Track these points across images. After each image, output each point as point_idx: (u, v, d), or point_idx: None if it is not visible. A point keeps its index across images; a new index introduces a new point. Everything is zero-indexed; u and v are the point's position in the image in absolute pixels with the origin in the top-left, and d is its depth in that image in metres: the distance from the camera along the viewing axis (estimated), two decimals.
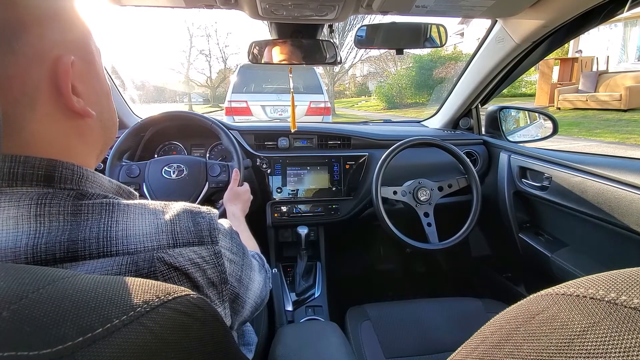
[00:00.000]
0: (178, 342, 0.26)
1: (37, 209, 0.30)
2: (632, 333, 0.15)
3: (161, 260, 0.33)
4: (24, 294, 0.22)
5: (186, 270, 0.34)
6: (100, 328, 0.22)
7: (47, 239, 0.30)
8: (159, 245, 0.34)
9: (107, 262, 0.31)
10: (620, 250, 0.89)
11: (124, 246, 0.32)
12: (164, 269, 0.33)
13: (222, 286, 0.38)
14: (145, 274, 0.32)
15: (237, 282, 0.42)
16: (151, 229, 0.34)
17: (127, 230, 0.33)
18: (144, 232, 0.34)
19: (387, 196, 1.16)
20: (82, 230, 0.31)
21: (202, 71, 23.85)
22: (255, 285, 0.48)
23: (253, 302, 0.48)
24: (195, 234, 0.36)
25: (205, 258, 0.37)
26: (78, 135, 0.36)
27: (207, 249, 0.37)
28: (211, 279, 0.37)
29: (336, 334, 0.75)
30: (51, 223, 0.30)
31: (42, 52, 0.32)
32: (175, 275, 0.34)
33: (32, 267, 0.26)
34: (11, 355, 0.19)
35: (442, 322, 0.96)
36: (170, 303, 0.27)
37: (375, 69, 18.08)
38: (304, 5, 0.79)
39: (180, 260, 0.34)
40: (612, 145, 5.03)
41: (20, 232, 0.29)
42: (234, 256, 0.42)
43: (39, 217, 0.30)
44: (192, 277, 0.35)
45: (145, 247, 0.33)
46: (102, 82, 0.40)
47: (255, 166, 1.24)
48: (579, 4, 0.82)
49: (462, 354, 0.24)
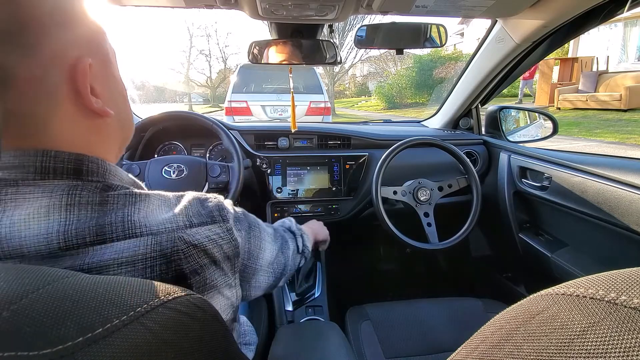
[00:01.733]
0: (178, 342, 0.26)
1: (67, 199, 0.33)
2: (632, 333, 0.15)
3: (181, 239, 0.36)
4: (24, 294, 0.22)
5: (204, 246, 0.37)
6: (100, 328, 0.22)
7: (77, 226, 0.32)
8: (178, 227, 0.36)
9: (134, 242, 0.33)
10: (620, 250, 0.89)
11: (147, 228, 0.35)
12: (184, 247, 0.36)
13: (235, 259, 0.42)
14: (169, 252, 0.35)
15: (247, 255, 0.47)
16: (169, 214, 0.37)
17: (148, 215, 0.36)
18: (163, 217, 0.36)
19: (387, 196, 1.16)
20: (108, 216, 0.34)
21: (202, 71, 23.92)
22: (267, 254, 0.52)
23: (268, 269, 0.53)
24: (206, 215, 0.40)
25: (220, 234, 0.40)
26: (97, 133, 0.38)
27: (220, 227, 0.40)
28: (227, 253, 0.40)
29: (336, 334, 0.75)
30: (80, 211, 0.33)
31: (61, 54, 0.33)
32: (194, 252, 0.36)
33: (32, 267, 0.26)
34: (11, 356, 0.19)
35: (442, 322, 0.96)
36: (170, 303, 0.27)
37: (375, 69, 18.09)
38: (304, 5, 0.79)
39: (198, 237, 0.37)
40: (612, 145, 5.03)
41: (52, 220, 0.31)
42: (242, 232, 0.46)
43: (69, 207, 0.32)
44: (210, 253, 0.38)
45: (166, 228, 0.36)
46: (118, 83, 0.42)
47: (255, 166, 1.24)
48: (579, 4, 0.82)
49: (462, 354, 0.24)
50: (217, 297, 0.39)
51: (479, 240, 1.54)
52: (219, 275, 0.39)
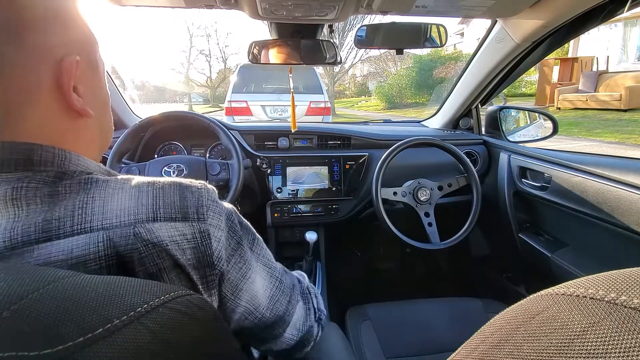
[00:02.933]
0: (178, 342, 0.26)
1: (12, 193, 0.30)
2: (632, 333, 0.15)
3: (138, 235, 0.31)
4: (24, 294, 0.22)
5: (165, 246, 0.32)
6: (100, 328, 0.22)
7: (24, 222, 0.29)
8: (136, 220, 0.31)
9: (82, 240, 0.30)
10: (620, 250, 0.89)
11: (99, 222, 0.30)
12: (140, 246, 0.31)
13: (205, 269, 0.34)
14: (123, 251, 0.30)
15: (227, 264, 0.37)
16: (131, 202, 0.32)
17: (105, 205, 0.31)
18: (122, 205, 0.32)
19: (388, 197, 1.16)
20: (57, 209, 0.30)
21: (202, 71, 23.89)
22: (256, 287, 0.41)
23: (250, 307, 0.41)
24: (179, 209, 0.34)
25: (186, 236, 0.33)
26: (74, 133, 0.37)
27: (191, 226, 0.33)
28: (191, 260, 0.33)
29: (336, 334, 0.75)
30: (29, 207, 0.30)
31: (48, 49, 0.33)
32: (154, 252, 0.31)
33: (33, 267, 0.26)
34: (11, 356, 0.19)
35: (442, 322, 0.96)
36: (171, 303, 0.27)
37: (375, 69, 18.08)
38: (304, 5, 0.79)
39: (158, 235, 0.32)
40: (612, 145, 5.03)
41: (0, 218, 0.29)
42: (225, 240, 0.37)
43: (16, 201, 0.30)
44: (171, 255, 0.32)
45: (122, 221, 0.31)
46: (103, 90, 0.41)
47: (255, 166, 1.24)
48: (579, 4, 0.82)
49: (462, 354, 0.24)
50: None
51: (479, 240, 1.54)
52: (186, 283, 0.33)
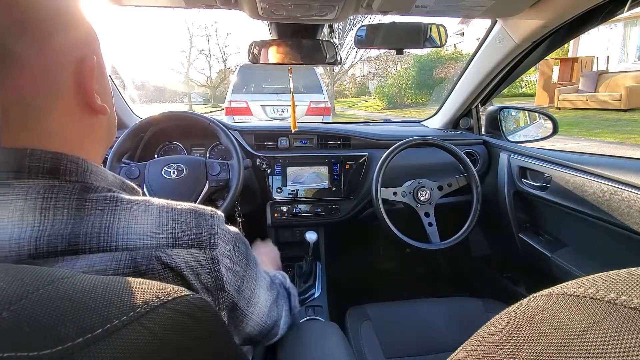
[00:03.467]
0: (178, 343, 0.26)
1: (42, 202, 0.31)
2: (632, 333, 0.15)
3: (158, 259, 0.33)
4: (23, 294, 0.22)
5: (181, 271, 0.34)
6: (100, 329, 0.22)
7: (51, 232, 0.30)
8: (158, 244, 0.34)
9: (106, 257, 0.31)
10: (620, 250, 0.89)
11: (124, 242, 0.32)
12: (160, 268, 0.33)
13: (217, 292, 0.38)
14: (143, 271, 0.33)
15: (236, 292, 0.41)
16: (152, 227, 0.34)
17: (129, 227, 0.33)
18: (145, 230, 0.34)
19: (388, 197, 1.16)
20: (84, 224, 0.32)
21: (202, 71, 23.90)
22: (261, 302, 0.47)
23: (258, 319, 0.47)
24: (195, 236, 0.36)
25: (201, 262, 0.36)
26: (90, 131, 0.38)
27: (204, 253, 0.37)
28: (205, 284, 0.36)
29: (336, 334, 0.75)
30: (55, 217, 0.31)
31: (70, 50, 0.34)
32: (170, 276, 0.34)
33: (32, 268, 0.26)
34: (11, 356, 0.19)
35: (442, 322, 0.96)
36: (170, 304, 0.27)
37: (375, 69, 18.08)
38: (304, 5, 0.79)
39: (176, 260, 0.34)
40: (612, 145, 5.03)
41: (25, 225, 0.30)
42: (233, 265, 0.41)
43: (44, 211, 0.31)
44: (186, 279, 0.35)
45: (145, 244, 0.33)
46: (109, 86, 0.43)
47: (255, 166, 1.24)
48: (579, 4, 0.82)
49: (462, 354, 0.24)
50: None
51: (479, 240, 1.54)
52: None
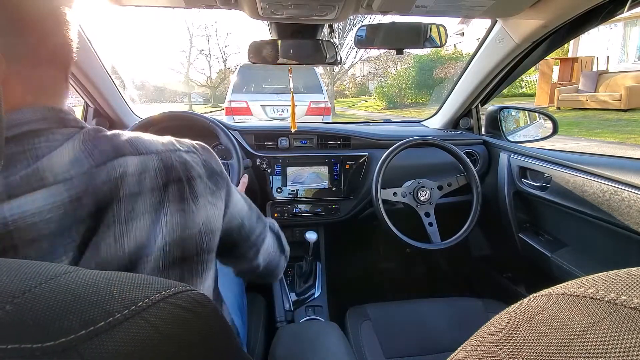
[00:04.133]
0: (179, 337, 0.26)
1: (79, 135, 0.41)
2: (632, 333, 0.15)
3: (179, 157, 0.45)
4: (26, 288, 0.23)
5: (192, 165, 0.46)
6: (102, 322, 0.22)
7: (98, 149, 0.40)
8: (170, 149, 0.45)
9: (143, 158, 0.42)
10: (620, 250, 0.89)
11: (148, 149, 0.43)
12: (179, 164, 0.44)
13: (217, 177, 0.49)
14: (169, 164, 0.43)
15: (225, 183, 0.52)
16: (160, 142, 0.46)
17: (143, 142, 0.44)
18: (155, 143, 0.45)
19: (388, 198, 1.16)
20: (114, 142, 0.42)
21: (202, 71, 23.92)
22: (240, 199, 0.59)
23: (240, 206, 0.58)
24: (187, 146, 0.48)
25: (197, 161, 0.47)
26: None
27: (197, 155, 0.48)
28: (203, 174, 0.47)
29: (336, 334, 0.75)
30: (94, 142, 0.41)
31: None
32: (184, 167, 0.44)
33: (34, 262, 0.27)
34: (15, 348, 0.20)
35: (442, 322, 0.96)
36: (171, 298, 0.27)
37: (375, 69, 18.09)
38: (304, 5, 0.79)
39: (186, 158, 0.46)
40: (612, 145, 5.04)
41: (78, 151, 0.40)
42: (215, 167, 0.51)
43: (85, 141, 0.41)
44: (196, 170, 0.46)
45: (161, 149, 0.44)
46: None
47: (255, 166, 1.24)
48: (579, 4, 0.82)
49: (462, 354, 0.24)
50: (208, 207, 0.46)
51: (479, 240, 1.55)
52: (203, 187, 0.46)
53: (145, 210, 0.40)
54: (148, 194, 0.40)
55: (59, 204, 0.36)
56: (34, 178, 0.36)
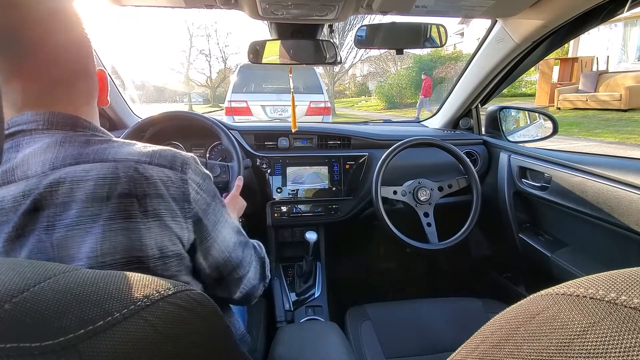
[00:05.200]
0: (178, 336, 0.26)
1: (62, 139, 0.43)
2: (632, 333, 0.15)
3: (136, 169, 0.43)
4: (25, 287, 0.23)
5: (154, 181, 0.44)
6: (101, 321, 0.23)
7: (64, 154, 0.42)
8: (138, 160, 0.44)
9: (98, 165, 0.42)
10: (620, 250, 0.89)
11: (113, 157, 0.43)
12: (137, 176, 0.43)
13: (183, 203, 0.46)
14: (123, 175, 0.42)
15: (201, 210, 0.49)
16: (136, 151, 0.45)
17: (118, 150, 0.45)
18: (130, 152, 0.45)
19: (387, 196, 1.16)
20: (89, 149, 0.44)
21: (202, 71, 23.90)
22: (226, 233, 0.54)
23: (223, 247, 0.53)
24: (169, 161, 0.46)
25: (171, 178, 0.46)
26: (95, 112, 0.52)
27: (174, 173, 0.46)
28: (173, 195, 0.45)
29: (336, 334, 0.75)
30: (68, 147, 0.43)
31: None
32: (145, 182, 0.43)
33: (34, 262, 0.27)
34: (13, 347, 0.20)
35: (442, 322, 0.96)
36: (170, 298, 0.27)
37: (375, 69, 18.08)
38: (304, 5, 0.79)
39: (151, 172, 0.44)
40: (612, 145, 5.04)
41: (49, 152, 0.42)
42: (200, 191, 0.49)
43: (62, 144, 0.43)
44: (158, 188, 0.44)
45: (127, 158, 0.44)
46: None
47: (255, 166, 1.24)
48: (579, 4, 0.82)
49: (462, 354, 0.24)
50: (162, 230, 0.44)
51: (479, 240, 1.54)
52: (165, 208, 0.44)
53: (78, 221, 0.40)
54: (82, 204, 0.40)
55: (17, 198, 0.40)
56: (9, 173, 0.41)
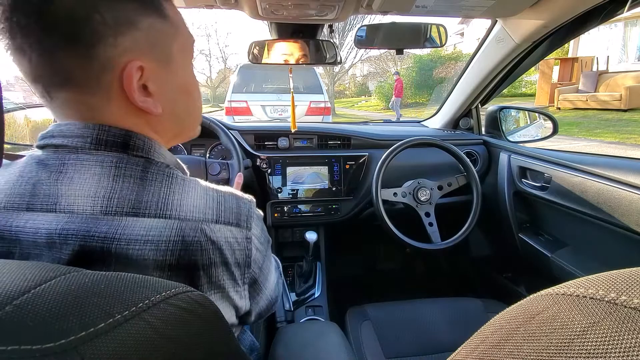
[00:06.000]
0: (179, 338, 0.26)
1: (115, 171, 0.38)
2: (632, 333, 0.15)
3: (203, 232, 0.38)
4: (26, 289, 0.23)
5: (220, 245, 0.39)
6: (102, 323, 0.22)
7: (120, 195, 0.37)
8: (205, 218, 0.39)
9: (161, 223, 0.37)
10: (620, 250, 0.89)
11: (177, 212, 0.38)
12: (203, 240, 0.38)
13: (245, 268, 0.43)
14: (189, 240, 0.37)
15: (258, 269, 0.46)
16: (201, 202, 0.40)
17: (182, 200, 0.39)
18: (195, 204, 0.39)
19: (388, 198, 1.16)
20: (146, 193, 0.38)
21: (202, 71, 23.90)
22: (272, 278, 0.52)
23: (269, 294, 0.51)
24: (235, 216, 0.42)
25: (238, 240, 0.41)
26: (147, 124, 0.42)
27: (241, 232, 0.42)
28: (238, 260, 0.41)
29: (336, 334, 0.75)
30: (123, 183, 0.37)
31: (114, 58, 0.36)
32: (211, 248, 0.38)
33: (35, 263, 0.27)
34: (15, 349, 0.20)
35: (442, 322, 0.96)
36: (172, 299, 0.27)
37: (375, 69, 18.08)
38: (304, 5, 0.79)
39: (218, 235, 0.39)
40: (612, 145, 5.04)
41: (100, 187, 0.37)
42: (260, 245, 0.46)
43: (116, 178, 0.37)
44: (223, 253, 0.39)
45: (194, 217, 0.38)
46: (180, 79, 0.44)
47: (255, 166, 1.24)
48: (579, 4, 0.82)
49: (462, 354, 0.24)
50: (223, 301, 0.40)
51: (479, 240, 1.54)
52: (228, 278, 0.40)
53: None
54: (138, 269, 0.35)
55: (53, 236, 0.35)
56: (52, 199, 0.36)
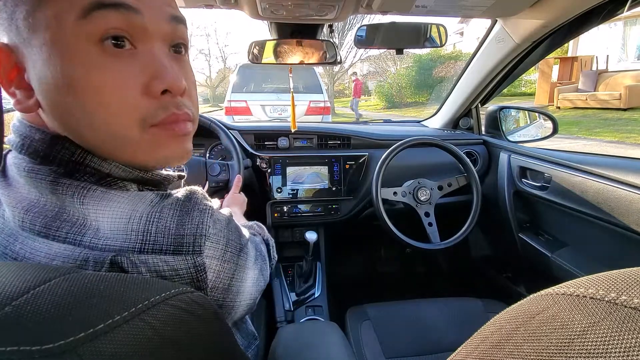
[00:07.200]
0: (179, 339, 0.26)
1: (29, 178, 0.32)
2: (632, 333, 0.15)
3: (116, 265, 0.29)
4: (26, 290, 0.23)
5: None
6: (102, 324, 0.22)
7: (40, 210, 0.31)
8: (122, 247, 0.30)
9: (68, 251, 0.30)
10: (620, 250, 0.89)
11: (89, 238, 0.30)
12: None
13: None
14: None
15: (223, 293, 0.36)
16: (121, 224, 0.30)
17: (98, 221, 0.30)
18: (113, 227, 0.30)
19: (388, 197, 1.16)
20: (65, 208, 0.31)
21: (202, 71, 23.91)
22: (248, 285, 0.42)
23: (246, 302, 0.42)
24: (174, 239, 0.31)
25: (178, 271, 0.31)
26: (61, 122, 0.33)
27: (184, 261, 0.31)
28: None
29: (336, 334, 0.75)
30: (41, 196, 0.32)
31: None
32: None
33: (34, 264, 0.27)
34: (14, 350, 0.19)
35: (442, 322, 0.96)
36: (171, 300, 0.27)
37: (375, 69, 18.06)
38: (303, 5, 0.79)
39: (141, 270, 0.30)
40: (612, 144, 5.04)
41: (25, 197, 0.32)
42: (224, 265, 0.35)
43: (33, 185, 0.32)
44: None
45: (106, 245, 0.30)
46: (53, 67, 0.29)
47: (255, 166, 1.24)
48: (579, 4, 0.82)
49: (462, 354, 0.24)
50: None
51: (479, 240, 1.54)
52: None
53: None
54: None
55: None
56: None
